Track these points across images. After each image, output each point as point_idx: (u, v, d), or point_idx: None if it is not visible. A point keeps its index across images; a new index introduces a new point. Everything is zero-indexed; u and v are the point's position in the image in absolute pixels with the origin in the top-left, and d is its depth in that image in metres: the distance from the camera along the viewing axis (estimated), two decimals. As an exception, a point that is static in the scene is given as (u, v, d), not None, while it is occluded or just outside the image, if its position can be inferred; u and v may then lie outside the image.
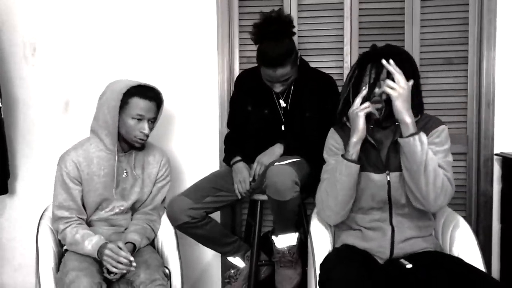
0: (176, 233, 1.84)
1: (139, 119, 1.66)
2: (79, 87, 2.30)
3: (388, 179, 1.47)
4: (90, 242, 1.60)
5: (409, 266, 1.41)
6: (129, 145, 1.73)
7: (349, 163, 1.44)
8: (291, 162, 1.70)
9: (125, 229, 1.78)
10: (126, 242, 1.67)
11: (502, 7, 2.08)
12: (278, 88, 1.81)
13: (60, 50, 2.31)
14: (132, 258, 1.55)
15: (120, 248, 1.57)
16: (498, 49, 2.10)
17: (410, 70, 1.45)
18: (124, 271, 1.56)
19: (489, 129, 2.12)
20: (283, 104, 1.89)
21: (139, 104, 1.66)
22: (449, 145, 1.48)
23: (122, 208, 1.76)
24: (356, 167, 1.45)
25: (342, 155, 1.47)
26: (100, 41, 2.29)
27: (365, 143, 1.48)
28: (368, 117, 1.47)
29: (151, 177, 1.80)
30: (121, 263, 1.54)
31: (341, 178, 1.45)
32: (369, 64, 1.46)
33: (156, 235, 1.84)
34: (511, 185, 2.04)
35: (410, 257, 1.45)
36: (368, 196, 1.49)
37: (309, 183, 1.77)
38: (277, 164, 1.69)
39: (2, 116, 2.19)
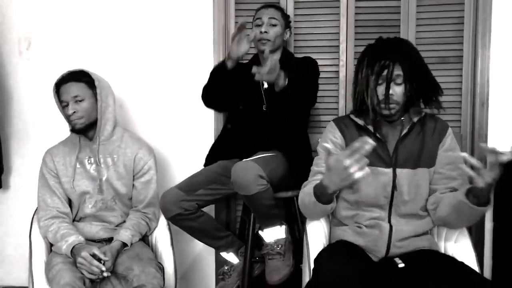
0: (169, 228, 1.85)
1: (65, 105, 1.71)
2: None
3: (395, 174, 1.46)
4: (66, 243, 1.62)
5: (401, 265, 1.40)
6: (89, 132, 1.76)
7: (324, 206, 1.39)
8: (257, 158, 1.74)
9: (116, 226, 1.78)
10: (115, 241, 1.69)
11: (497, 6, 2.09)
12: (264, 28, 1.90)
13: (56, 45, 2.30)
14: (104, 268, 1.55)
15: (94, 256, 1.56)
16: (493, 48, 2.11)
17: (417, 63, 1.44)
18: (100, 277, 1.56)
19: (483, 128, 2.13)
20: (265, 85, 1.94)
21: (60, 92, 1.72)
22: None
23: (103, 200, 1.75)
24: (332, 206, 1.43)
25: (317, 198, 1.37)
26: (95, 36, 2.28)
27: (371, 137, 1.46)
28: (376, 112, 1.44)
29: (128, 168, 1.79)
30: (93, 272, 1.54)
31: (316, 212, 1.47)
32: (378, 62, 1.40)
33: (151, 231, 1.84)
34: (503, 184, 2.04)
35: (405, 255, 1.45)
36: (371, 191, 1.46)
37: (297, 178, 1.79)
38: (243, 161, 1.72)
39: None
